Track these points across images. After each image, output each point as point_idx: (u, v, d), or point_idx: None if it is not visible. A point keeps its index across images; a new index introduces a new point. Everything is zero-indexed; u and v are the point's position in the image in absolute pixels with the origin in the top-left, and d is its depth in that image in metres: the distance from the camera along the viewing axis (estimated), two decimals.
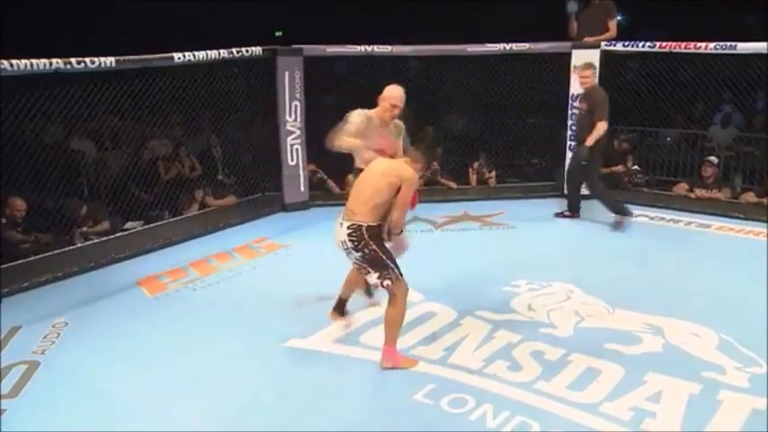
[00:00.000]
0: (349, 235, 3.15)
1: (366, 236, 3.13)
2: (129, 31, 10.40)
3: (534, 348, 3.48)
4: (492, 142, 7.29)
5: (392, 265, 3.18)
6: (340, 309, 3.66)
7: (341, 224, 3.23)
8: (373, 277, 3.20)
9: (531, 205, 6.51)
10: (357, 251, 3.16)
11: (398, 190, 3.17)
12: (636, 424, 2.83)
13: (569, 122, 6.49)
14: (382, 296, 3.47)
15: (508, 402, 2.98)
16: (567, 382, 3.14)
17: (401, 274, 3.20)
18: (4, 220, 5.02)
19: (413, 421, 2.88)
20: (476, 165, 7.18)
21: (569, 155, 6.57)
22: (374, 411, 2.97)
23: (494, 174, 7.14)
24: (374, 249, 3.14)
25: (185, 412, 2.98)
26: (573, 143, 6.24)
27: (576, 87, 6.40)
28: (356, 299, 3.81)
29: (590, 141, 5.50)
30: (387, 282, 3.17)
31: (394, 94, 3.62)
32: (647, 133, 7.35)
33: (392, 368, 3.24)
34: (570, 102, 6.47)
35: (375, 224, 3.18)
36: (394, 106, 3.59)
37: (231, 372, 3.33)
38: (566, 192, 6.11)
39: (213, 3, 11.40)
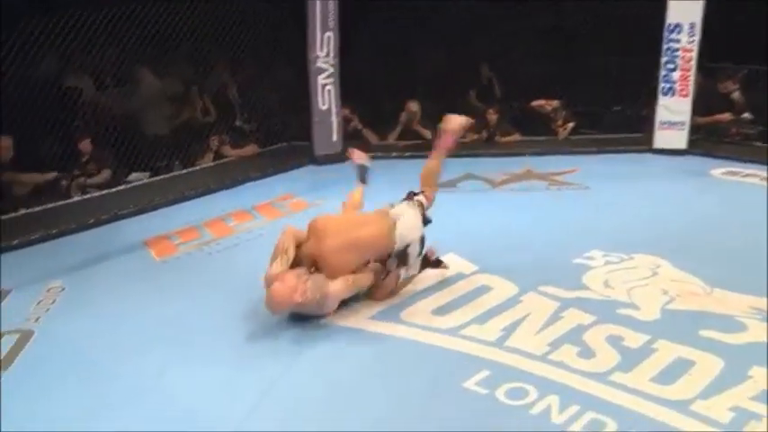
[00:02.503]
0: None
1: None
2: None
3: (611, 332, 3.41)
4: (563, 85, 7.09)
5: None
6: None
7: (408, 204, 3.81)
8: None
9: (611, 162, 6.38)
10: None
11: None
12: (737, 426, 2.74)
13: (663, 59, 6.22)
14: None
15: (578, 395, 2.92)
16: (650, 375, 3.06)
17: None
18: None
19: (462, 412, 2.85)
20: (548, 108, 6.99)
21: (662, 100, 6.32)
22: (415, 399, 2.96)
23: (570, 125, 6.95)
24: None
25: (195, 392, 3.02)
26: (666, 86, 5.96)
27: (675, 16, 6.08)
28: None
29: None
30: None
31: None
32: (763, 72, 6.98)
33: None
34: (666, 34, 6.17)
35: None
36: None
37: (250, 350, 3.36)
38: None
39: None
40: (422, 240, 3.73)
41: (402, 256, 3.68)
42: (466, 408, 2.88)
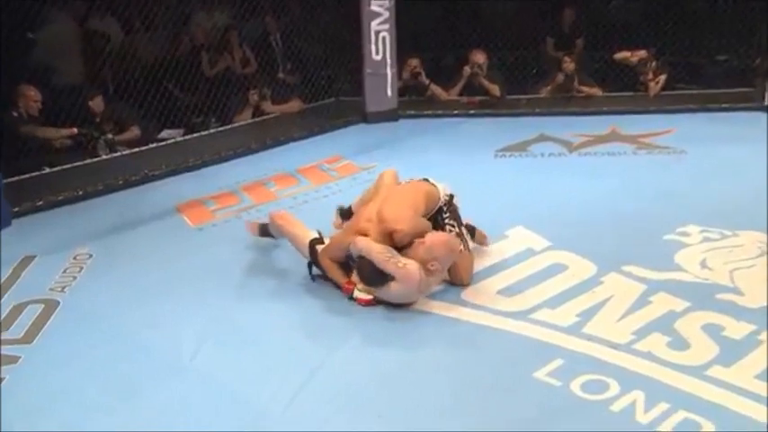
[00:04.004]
0: None
1: None
2: None
3: (708, 321, 3.34)
4: (657, 30, 6.90)
5: None
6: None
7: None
8: None
9: (713, 121, 6.24)
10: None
11: None
12: None
13: None
14: None
15: (668, 391, 2.87)
16: (755, 371, 2.98)
17: None
18: (15, 114, 5.30)
19: (531, 406, 2.83)
20: (633, 60, 6.83)
21: None
22: (478, 389, 2.95)
23: (662, 77, 6.75)
24: None
25: (233, 373, 3.07)
26: None
27: None
28: None
29: None
30: None
31: None
32: None
33: None
34: None
35: None
36: None
37: (297, 328, 3.41)
38: None
39: None
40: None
41: (455, 212, 3.82)
42: (536, 400, 2.86)
